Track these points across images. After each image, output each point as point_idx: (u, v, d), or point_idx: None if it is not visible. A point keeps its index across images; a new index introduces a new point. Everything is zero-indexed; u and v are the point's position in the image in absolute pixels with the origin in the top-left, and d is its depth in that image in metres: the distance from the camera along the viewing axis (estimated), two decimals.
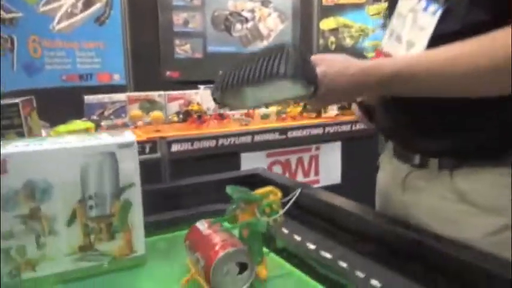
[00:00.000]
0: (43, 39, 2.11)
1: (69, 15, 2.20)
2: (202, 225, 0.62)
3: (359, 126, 2.44)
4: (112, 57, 2.37)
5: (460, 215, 0.68)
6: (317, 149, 2.34)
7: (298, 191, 0.61)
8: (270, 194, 0.61)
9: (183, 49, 2.62)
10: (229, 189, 0.61)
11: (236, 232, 0.60)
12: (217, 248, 0.55)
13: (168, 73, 2.60)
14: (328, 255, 0.65)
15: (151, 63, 2.56)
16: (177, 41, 2.61)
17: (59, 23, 2.16)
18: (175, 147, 1.94)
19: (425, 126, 0.71)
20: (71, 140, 0.60)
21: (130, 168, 0.61)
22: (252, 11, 2.80)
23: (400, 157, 0.79)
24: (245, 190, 0.61)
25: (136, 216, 0.63)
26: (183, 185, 0.94)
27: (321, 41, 3.14)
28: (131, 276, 0.62)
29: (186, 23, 2.62)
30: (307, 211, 0.78)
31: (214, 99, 0.69)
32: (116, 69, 2.40)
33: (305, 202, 0.76)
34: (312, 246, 0.68)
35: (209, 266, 0.54)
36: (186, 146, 1.96)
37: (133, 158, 0.61)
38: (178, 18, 2.60)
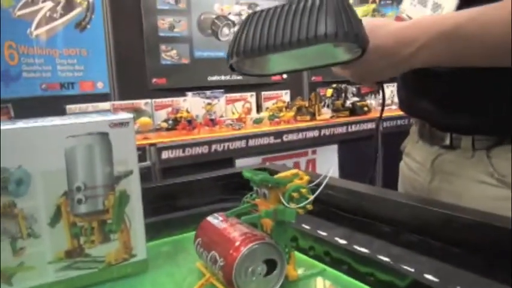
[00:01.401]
0: (20, 46, 1.98)
1: (48, 20, 2.08)
2: (216, 219, 0.52)
3: (354, 128, 2.37)
4: (95, 65, 2.25)
5: (499, 201, 0.59)
6: (313, 152, 2.26)
7: (330, 172, 0.51)
8: (295, 178, 0.51)
9: (169, 55, 2.52)
10: (246, 173, 0.51)
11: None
12: (238, 243, 0.44)
13: (154, 80, 2.49)
14: (364, 250, 0.55)
15: (136, 70, 2.45)
16: (162, 47, 2.50)
17: (37, 28, 2.04)
18: (165, 155, 1.83)
19: (457, 98, 0.63)
20: (52, 119, 0.49)
21: (126, 152, 0.51)
22: (239, 14, 2.72)
23: (428, 139, 0.70)
24: (265, 174, 0.51)
25: (136, 212, 0.52)
26: (178, 183, 0.83)
27: None
28: (131, 286, 0.50)
29: (171, 27, 2.52)
30: (327, 203, 0.68)
31: (230, 66, 0.55)
32: (99, 77, 2.27)
33: (324, 193, 0.67)
34: (342, 242, 0.58)
35: (230, 266, 0.43)
36: (178, 153, 1.85)
37: (130, 140, 0.51)
38: (163, 22, 2.49)
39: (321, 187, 0.49)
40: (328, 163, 2.28)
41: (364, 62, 0.53)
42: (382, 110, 0.67)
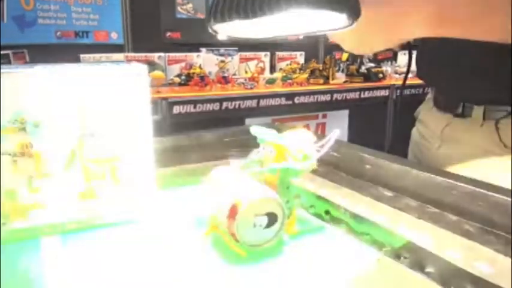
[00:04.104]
0: None
1: None
2: (222, 172, 0.54)
3: (367, 94, 2.35)
4: (110, 15, 2.23)
5: (503, 171, 0.61)
6: (324, 116, 2.26)
7: (337, 132, 0.52)
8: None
9: (184, 8, 2.48)
10: (254, 129, 0.52)
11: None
12: (243, 196, 0.46)
13: (168, 34, 2.47)
14: (363, 211, 0.57)
15: (150, 22, 2.43)
16: (178, 0, 2.47)
17: None
18: (177, 109, 1.84)
19: (472, 67, 0.63)
20: (67, 66, 0.50)
21: (139, 102, 0.52)
22: None
23: (441, 106, 0.71)
24: (272, 131, 0.52)
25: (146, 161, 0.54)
26: (186, 138, 0.85)
27: None
28: (139, 229, 0.53)
29: None
30: (332, 164, 0.70)
31: (211, 29, 0.47)
32: (113, 27, 2.26)
33: (329, 155, 0.68)
34: (343, 202, 0.60)
35: (233, 216, 0.45)
36: (189, 109, 1.87)
37: (143, 90, 0.52)
38: None
39: (325, 148, 0.50)
40: (338, 128, 2.28)
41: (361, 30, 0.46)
42: (406, 76, 0.67)
